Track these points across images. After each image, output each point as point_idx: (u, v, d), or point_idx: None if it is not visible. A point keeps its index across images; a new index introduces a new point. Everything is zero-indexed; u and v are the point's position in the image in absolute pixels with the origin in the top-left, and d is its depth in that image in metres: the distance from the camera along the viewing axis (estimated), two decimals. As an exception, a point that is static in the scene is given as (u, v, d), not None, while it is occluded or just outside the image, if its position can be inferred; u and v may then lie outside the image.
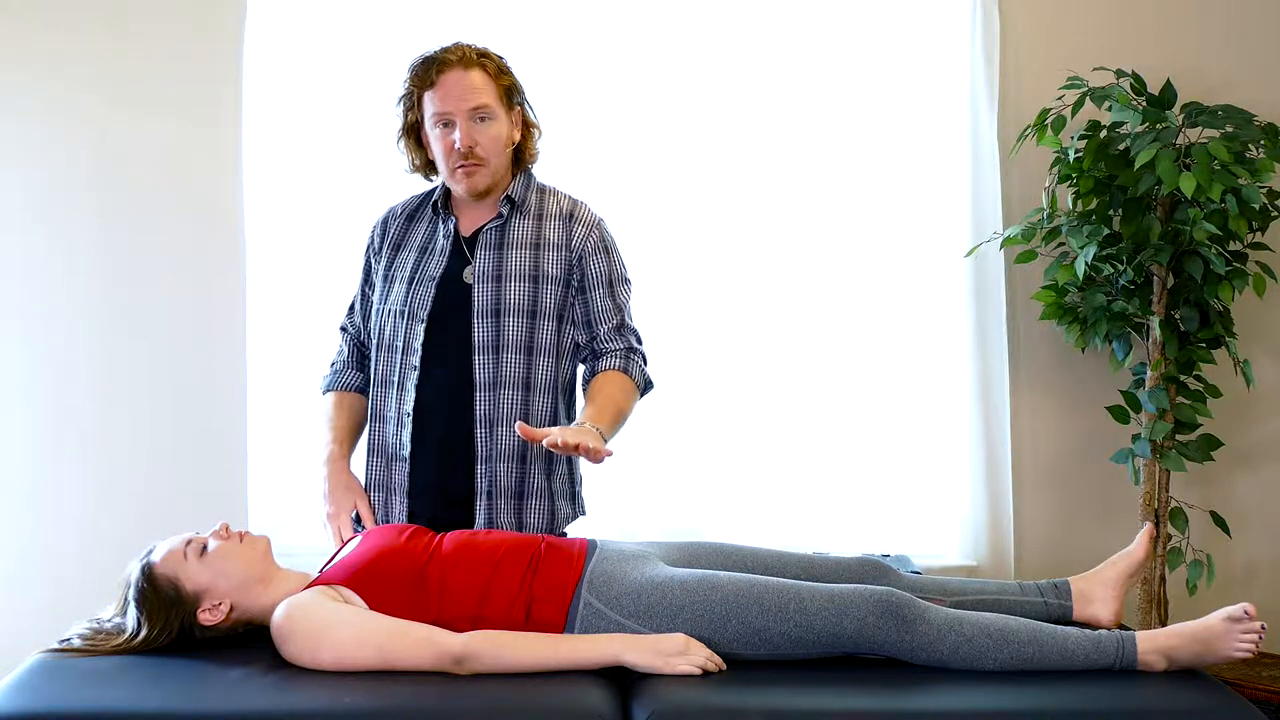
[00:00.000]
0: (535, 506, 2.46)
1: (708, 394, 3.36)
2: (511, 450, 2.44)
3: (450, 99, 2.41)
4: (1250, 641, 2.05)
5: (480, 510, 2.43)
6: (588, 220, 2.55)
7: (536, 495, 2.47)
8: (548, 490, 2.48)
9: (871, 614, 2.04)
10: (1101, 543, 2.80)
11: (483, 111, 2.42)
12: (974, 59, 3.32)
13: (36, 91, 3.27)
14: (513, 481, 2.44)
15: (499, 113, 2.45)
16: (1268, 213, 3.10)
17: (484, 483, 2.43)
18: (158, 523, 2.70)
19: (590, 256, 2.51)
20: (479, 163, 2.44)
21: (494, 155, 2.46)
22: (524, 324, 2.45)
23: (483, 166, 2.44)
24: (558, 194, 2.58)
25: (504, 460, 2.43)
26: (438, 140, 2.45)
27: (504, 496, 2.44)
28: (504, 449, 2.43)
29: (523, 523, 2.45)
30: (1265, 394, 3.42)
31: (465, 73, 2.42)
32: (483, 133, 2.43)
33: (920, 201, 3.39)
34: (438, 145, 2.46)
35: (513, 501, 2.44)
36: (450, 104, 2.41)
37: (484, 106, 2.42)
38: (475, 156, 2.43)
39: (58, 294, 3.28)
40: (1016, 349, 3.39)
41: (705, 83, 3.35)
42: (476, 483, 2.43)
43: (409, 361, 2.46)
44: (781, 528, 3.34)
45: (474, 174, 2.45)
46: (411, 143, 2.53)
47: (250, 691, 1.91)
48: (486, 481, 2.43)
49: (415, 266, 2.50)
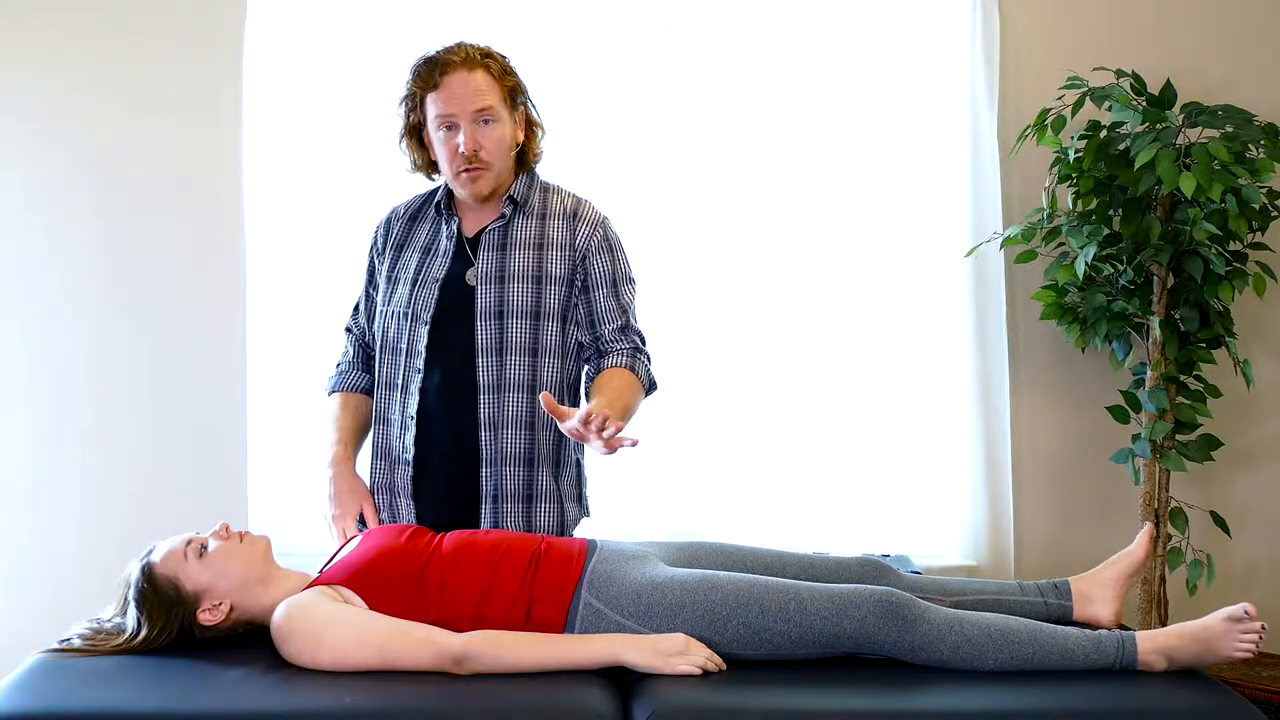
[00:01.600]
0: (545, 509, 2.44)
1: (708, 394, 3.36)
2: (518, 454, 2.41)
3: (454, 101, 2.38)
4: (1250, 641, 2.05)
5: (486, 514, 2.41)
6: (592, 219, 2.52)
7: (545, 498, 2.44)
8: (556, 492, 2.46)
9: (871, 614, 2.04)
10: (1101, 543, 2.80)
11: (487, 114, 2.40)
12: (974, 59, 3.33)
13: (37, 91, 3.27)
14: (520, 485, 2.42)
15: (503, 114, 2.42)
16: (1268, 213, 3.10)
17: (489, 486, 2.41)
18: (158, 523, 2.70)
19: (594, 255, 2.49)
20: (483, 166, 2.41)
21: (498, 158, 2.43)
22: (528, 325, 2.43)
23: (487, 170, 2.42)
24: (561, 192, 2.56)
25: (510, 464, 2.41)
26: (441, 143, 2.42)
27: (512, 501, 2.41)
28: (510, 453, 2.41)
29: (532, 526, 2.43)
30: (1265, 394, 3.42)
31: (469, 74, 2.39)
32: (487, 135, 2.40)
33: (920, 201, 3.40)
34: (441, 148, 2.43)
35: (521, 505, 2.42)
36: (454, 106, 2.38)
37: (488, 109, 2.39)
38: (480, 160, 2.40)
39: (58, 294, 3.28)
40: (1016, 349, 3.39)
41: (705, 82, 3.35)
42: (482, 486, 2.41)
43: (413, 364, 2.44)
44: (781, 528, 3.34)
45: (479, 178, 2.42)
46: (414, 143, 2.50)
47: (250, 691, 1.91)
48: (492, 485, 2.41)
49: (419, 267, 2.48)
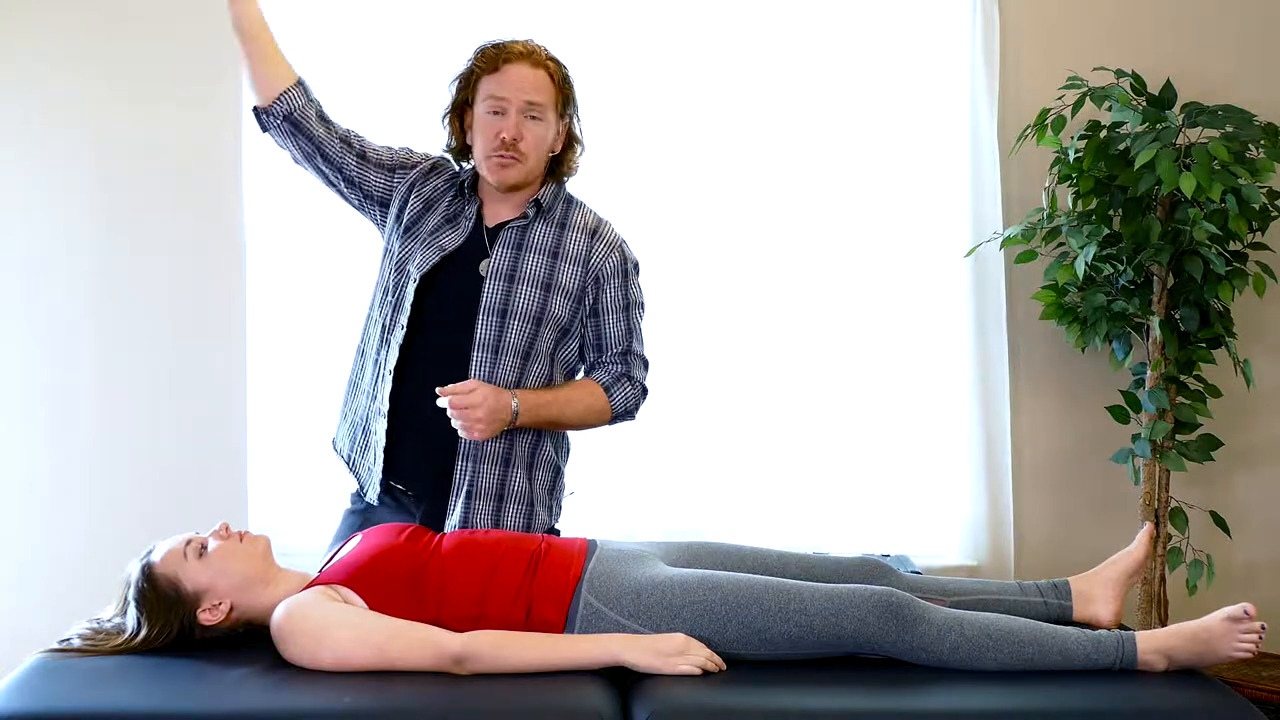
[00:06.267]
0: (514, 510, 2.46)
1: (708, 394, 3.36)
2: (496, 452, 2.43)
3: (509, 87, 2.41)
4: (1250, 642, 2.05)
5: (456, 508, 2.42)
6: (611, 240, 2.54)
7: (516, 499, 2.46)
8: (528, 494, 2.47)
9: (871, 614, 2.04)
10: (1101, 543, 2.80)
11: (536, 110, 2.42)
12: (974, 59, 3.32)
13: (37, 91, 3.26)
14: (495, 483, 2.44)
15: (550, 117, 2.45)
16: (1268, 213, 3.10)
17: (464, 481, 2.42)
18: (158, 523, 2.70)
19: (607, 278, 2.51)
20: (518, 157, 2.43)
21: (533, 154, 2.45)
22: (528, 329, 2.44)
23: (520, 162, 2.43)
24: (584, 208, 2.57)
25: (487, 461, 2.43)
26: (484, 125, 2.44)
27: (483, 498, 2.43)
28: (488, 450, 2.43)
29: (500, 525, 2.44)
30: (1265, 394, 3.42)
31: (532, 70, 2.43)
32: (530, 130, 2.43)
33: (920, 201, 3.39)
34: (483, 130, 2.44)
35: (492, 503, 2.44)
36: (509, 91, 2.41)
37: (539, 105, 2.42)
38: (517, 150, 2.42)
39: (58, 294, 3.28)
40: (1016, 349, 3.39)
41: (705, 82, 3.35)
42: (455, 479, 2.42)
43: (398, 320, 2.45)
44: (781, 528, 3.34)
45: (509, 167, 2.43)
46: (455, 122, 2.52)
47: (250, 691, 1.91)
48: (467, 481, 2.42)
49: (435, 230, 2.49)
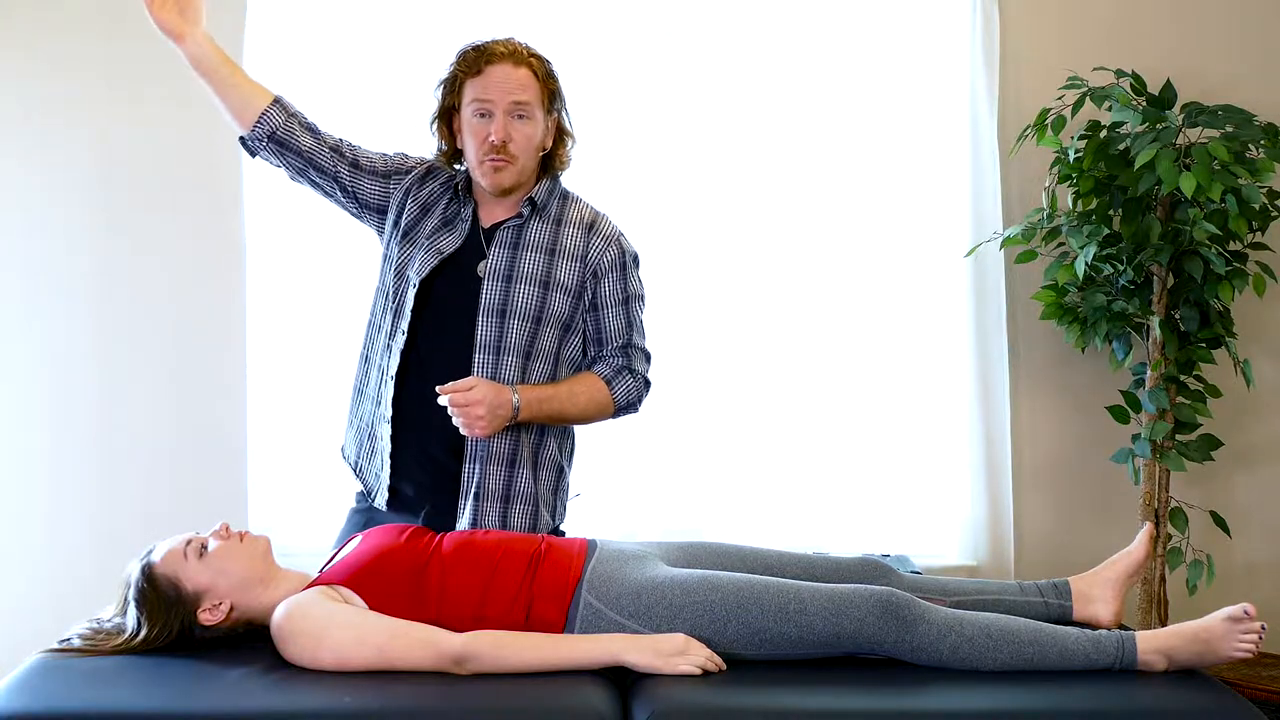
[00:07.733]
0: (520, 510, 2.46)
1: (708, 394, 3.36)
2: (503, 453, 2.43)
3: (493, 89, 2.39)
4: (1250, 642, 2.05)
5: (465, 510, 2.42)
6: (608, 234, 2.53)
7: (523, 499, 2.46)
8: (534, 495, 2.47)
9: (871, 614, 2.04)
10: (1101, 543, 2.80)
11: (522, 109, 2.40)
12: (974, 59, 3.33)
13: (37, 91, 3.26)
14: (501, 484, 2.44)
15: (537, 114, 2.43)
16: (1268, 213, 3.10)
17: (472, 483, 2.42)
18: (158, 523, 2.70)
19: (606, 273, 2.50)
20: (509, 159, 2.41)
21: (524, 155, 2.43)
22: (528, 328, 2.44)
23: (511, 164, 2.42)
24: (580, 203, 2.56)
25: (493, 463, 2.43)
26: (472, 129, 2.42)
27: (491, 499, 2.43)
28: (494, 451, 2.43)
29: (507, 526, 2.44)
30: (1265, 394, 3.42)
31: (514, 68, 2.40)
32: (518, 130, 2.41)
33: (920, 201, 3.39)
34: (471, 134, 2.42)
35: (500, 505, 2.44)
36: (493, 94, 2.39)
37: (524, 104, 2.40)
38: (507, 153, 2.40)
39: (58, 294, 3.28)
40: (1016, 349, 3.39)
41: (706, 82, 3.35)
42: (463, 482, 2.43)
43: (399, 325, 2.45)
44: (781, 528, 3.34)
45: (501, 170, 2.42)
46: (444, 128, 2.50)
47: (250, 691, 1.91)
48: (475, 483, 2.42)
49: (432, 233, 2.47)
